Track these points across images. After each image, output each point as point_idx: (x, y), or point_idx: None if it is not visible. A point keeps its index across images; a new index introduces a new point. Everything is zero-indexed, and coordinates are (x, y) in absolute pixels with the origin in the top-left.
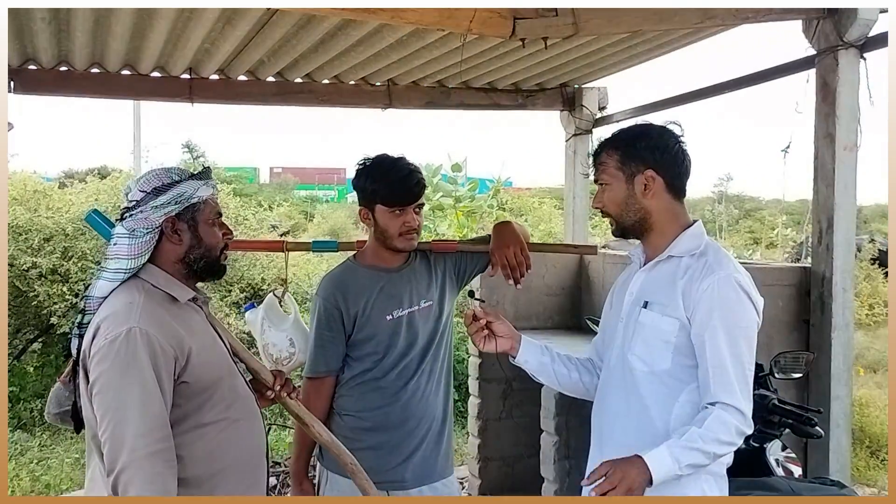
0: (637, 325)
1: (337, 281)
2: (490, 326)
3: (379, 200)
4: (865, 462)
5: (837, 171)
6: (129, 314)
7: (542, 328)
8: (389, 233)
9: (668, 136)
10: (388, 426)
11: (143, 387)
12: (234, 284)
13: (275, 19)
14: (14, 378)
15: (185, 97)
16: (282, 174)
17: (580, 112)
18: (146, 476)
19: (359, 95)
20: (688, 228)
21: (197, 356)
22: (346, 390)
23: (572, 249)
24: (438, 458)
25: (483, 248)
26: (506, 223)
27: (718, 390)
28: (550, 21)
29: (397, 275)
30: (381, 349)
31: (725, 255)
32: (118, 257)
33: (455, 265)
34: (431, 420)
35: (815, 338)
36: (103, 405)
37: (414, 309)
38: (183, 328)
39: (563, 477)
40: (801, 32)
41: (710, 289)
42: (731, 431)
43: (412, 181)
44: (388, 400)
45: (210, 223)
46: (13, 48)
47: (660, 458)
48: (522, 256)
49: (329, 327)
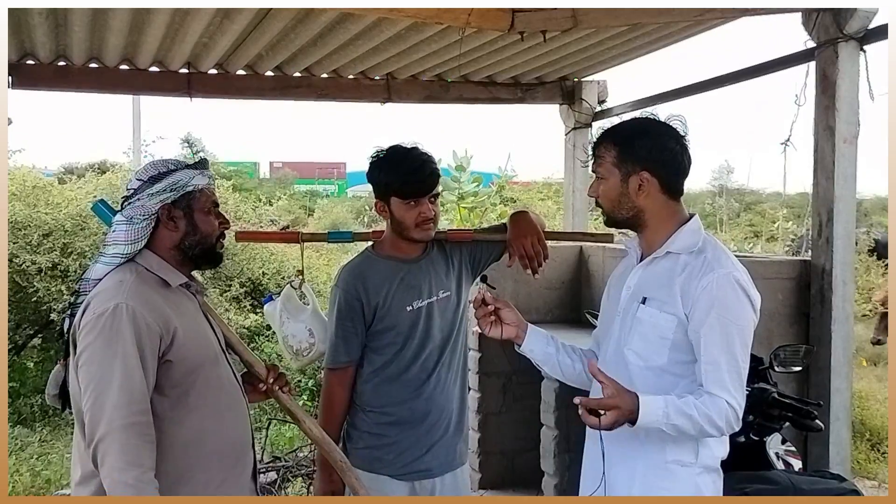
0: (634, 320)
1: (357, 272)
2: (498, 313)
3: (393, 193)
4: (866, 455)
5: (837, 163)
6: (118, 291)
7: (541, 322)
8: (406, 224)
9: (669, 134)
10: (413, 420)
11: (125, 360)
12: (233, 279)
13: (272, 13)
14: (14, 373)
15: (183, 92)
16: (281, 169)
17: (580, 105)
18: (121, 447)
19: (358, 89)
20: (685, 224)
21: (183, 337)
22: (369, 385)
23: (590, 238)
24: (458, 446)
25: (499, 237)
26: (522, 212)
27: (712, 386)
28: (549, 14)
29: (416, 266)
30: (400, 340)
31: (724, 252)
32: (116, 242)
33: (471, 255)
34: (451, 411)
35: (815, 331)
36: (87, 377)
37: (433, 300)
38: (171, 309)
39: (564, 471)
40: (801, 25)
41: (708, 286)
42: (722, 417)
43: (426, 172)
44: (412, 394)
45: (206, 212)
46: (11, 43)
47: (654, 406)
48: (540, 246)
49: (350, 318)
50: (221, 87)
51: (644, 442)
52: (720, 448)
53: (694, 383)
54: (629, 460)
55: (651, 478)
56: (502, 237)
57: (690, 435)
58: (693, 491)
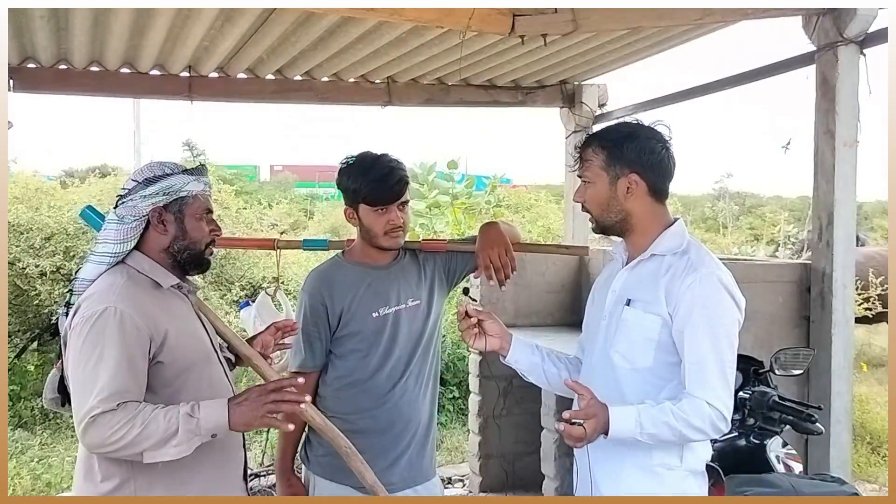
0: (620, 322)
1: (323, 276)
2: (482, 325)
3: (362, 200)
4: (866, 458)
5: (837, 167)
6: (108, 294)
7: (541, 325)
8: (374, 231)
9: (656, 138)
10: (376, 430)
11: (113, 362)
12: (234, 283)
13: (274, 17)
14: (14, 377)
15: (184, 95)
16: (281, 172)
17: (580, 109)
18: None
19: (358, 93)
20: (669, 227)
21: (174, 338)
22: (333, 391)
23: (564, 250)
24: (423, 460)
25: (473, 247)
26: (492, 224)
27: (693, 386)
28: (550, 18)
29: (385, 272)
30: (364, 346)
31: (707, 254)
32: (106, 241)
33: (445, 265)
34: (418, 423)
35: (816, 334)
36: (75, 376)
37: (401, 307)
38: (162, 310)
39: (564, 474)
40: (801, 28)
41: (692, 286)
42: (704, 419)
43: (393, 179)
44: (376, 403)
45: (197, 218)
46: (12, 46)
47: (625, 416)
48: (507, 258)
49: (314, 322)
50: (222, 90)
51: (630, 446)
52: (705, 451)
53: (679, 387)
54: (615, 464)
55: (637, 481)
56: (475, 248)
57: (671, 441)
58: (679, 494)
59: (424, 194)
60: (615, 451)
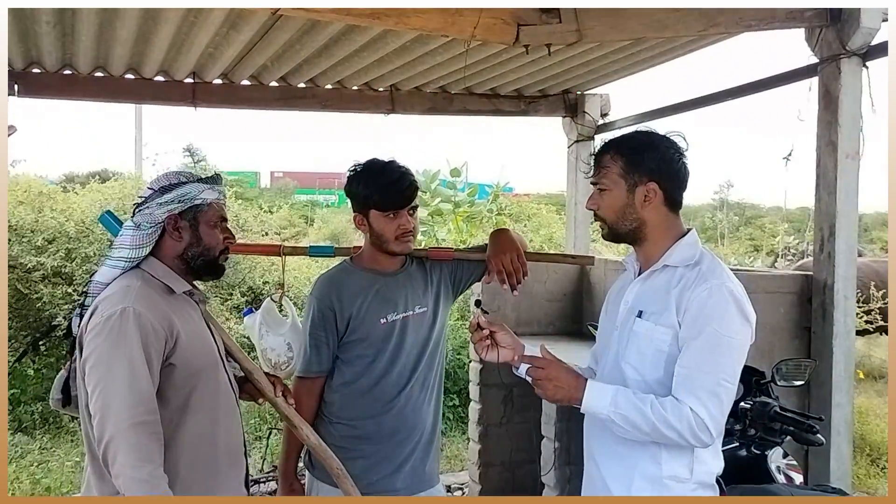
0: (631, 334)
1: (332, 282)
2: (494, 336)
3: (372, 205)
4: (866, 470)
5: (839, 178)
6: (125, 296)
7: (543, 334)
8: (385, 237)
9: (674, 148)
10: (381, 436)
11: (132, 362)
12: (235, 288)
13: (279, 24)
14: (15, 380)
15: (188, 101)
16: (282, 178)
17: (582, 118)
18: (131, 445)
19: (362, 100)
20: (682, 238)
21: (186, 341)
22: (339, 396)
23: (570, 259)
24: (427, 466)
25: (479, 256)
26: (503, 230)
27: (679, 391)
28: (554, 28)
29: (393, 279)
30: (371, 352)
31: (719, 265)
32: (122, 246)
33: (451, 273)
34: (423, 429)
35: (817, 345)
36: (94, 378)
37: (408, 314)
38: (175, 314)
39: (564, 483)
40: (804, 41)
41: (701, 296)
42: (682, 421)
43: (404, 184)
44: (382, 409)
45: (212, 225)
46: (17, 51)
47: (601, 391)
48: (519, 263)
49: (323, 327)
50: (226, 97)
51: (639, 457)
52: (716, 462)
53: None
54: (625, 478)
55: (647, 493)
56: (482, 257)
57: (644, 432)
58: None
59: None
60: (624, 463)
